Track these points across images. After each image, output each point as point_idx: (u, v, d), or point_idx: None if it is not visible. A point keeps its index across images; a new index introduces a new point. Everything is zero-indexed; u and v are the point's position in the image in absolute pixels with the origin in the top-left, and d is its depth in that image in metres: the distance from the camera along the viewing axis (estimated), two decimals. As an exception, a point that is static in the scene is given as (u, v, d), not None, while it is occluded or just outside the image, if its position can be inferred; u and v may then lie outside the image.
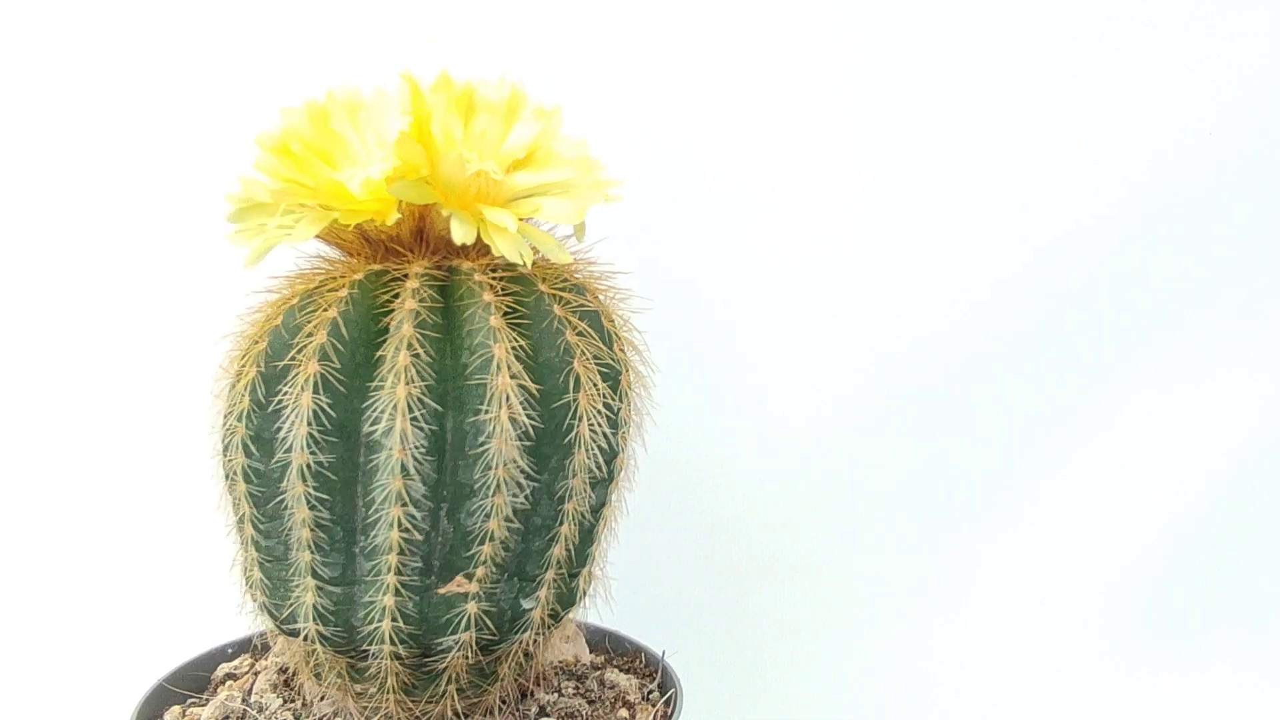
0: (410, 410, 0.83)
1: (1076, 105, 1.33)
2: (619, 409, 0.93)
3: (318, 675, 0.95)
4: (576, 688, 1.05)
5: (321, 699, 1.00)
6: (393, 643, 0.88)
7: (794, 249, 1.34)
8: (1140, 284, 1.36)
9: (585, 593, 0.98)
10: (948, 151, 1.33)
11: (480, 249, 0.94)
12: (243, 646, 1.14)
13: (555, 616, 0.95)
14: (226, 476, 0.92)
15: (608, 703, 1.04)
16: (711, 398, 1.37)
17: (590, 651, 1.14)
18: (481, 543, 0.87)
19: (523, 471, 0.86)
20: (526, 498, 0.87)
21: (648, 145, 1.30)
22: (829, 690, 1.40)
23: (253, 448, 0.88)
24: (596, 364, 0.90)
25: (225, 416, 0.91)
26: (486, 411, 0.84)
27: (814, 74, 1.32)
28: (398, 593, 0.87)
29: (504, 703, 0.99)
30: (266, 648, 1.15)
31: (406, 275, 0.89)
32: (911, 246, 1.34)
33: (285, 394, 0.85)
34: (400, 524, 0.85)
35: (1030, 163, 1.34)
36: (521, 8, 1.28)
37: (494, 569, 0.88)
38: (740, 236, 1.33)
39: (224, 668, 1.10)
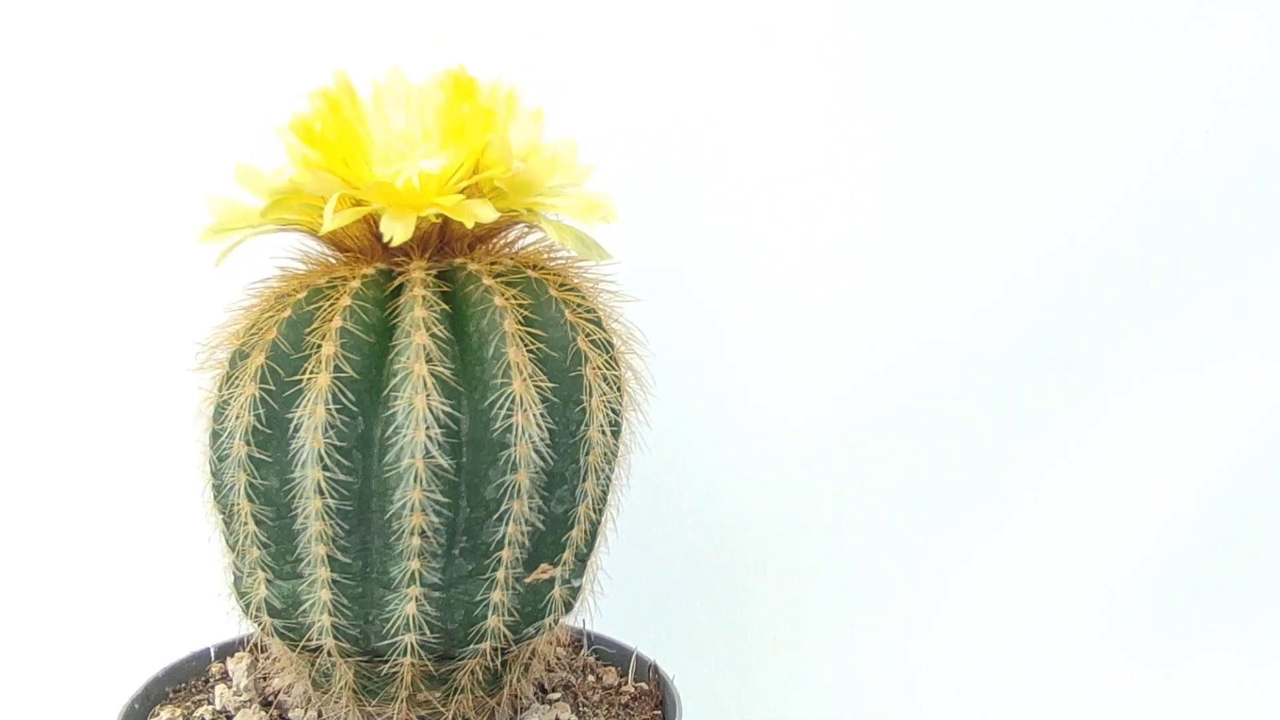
0: (530, 405, 0.85)
1: (1076, 105, 1.33)
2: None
3: (372, 694, 0.90)
4: (547, 665, 1.09)
5: (342, 722, 0.94)
6: (500, 638, 0.88)
7: (792, 249, 1.34)
8: (1140, 281, 1.37)
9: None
10: (947, 151, 1.34)
11: (491, 245, 0.96)
12: (150, 699, 1.00)
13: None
14: (297, 497, 0.84)
15: (579, 672, 1.10)
16: (709, 398, 1.36)
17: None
18: (572, 527, 0.91)
19: (612, 456, 0.92)
20: (603, 481, 0.93)
21: (646, 145, 1.28)
22: (828, 691, 1.40)
23: (342, 459, 0.82)
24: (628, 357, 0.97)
25: (286, 430, 0.83)
26: (586, 402, 0.89)
27: (814, 74, 1.31)
28: (509, 587, 0.88)
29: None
30: (171, 695, 1.03)
31: (480, 274, 0.89)
32: (910, 246, 1.35)
33: (398, 399, 0.82)
34: (523, 519, 0.86)
35: (1030, 162, 1.34)
36: (520, 7, 1.23)
37: (575, 552, 0.92)
38: (739, 237, 1.33)
39: (154, 722, 0.97)
